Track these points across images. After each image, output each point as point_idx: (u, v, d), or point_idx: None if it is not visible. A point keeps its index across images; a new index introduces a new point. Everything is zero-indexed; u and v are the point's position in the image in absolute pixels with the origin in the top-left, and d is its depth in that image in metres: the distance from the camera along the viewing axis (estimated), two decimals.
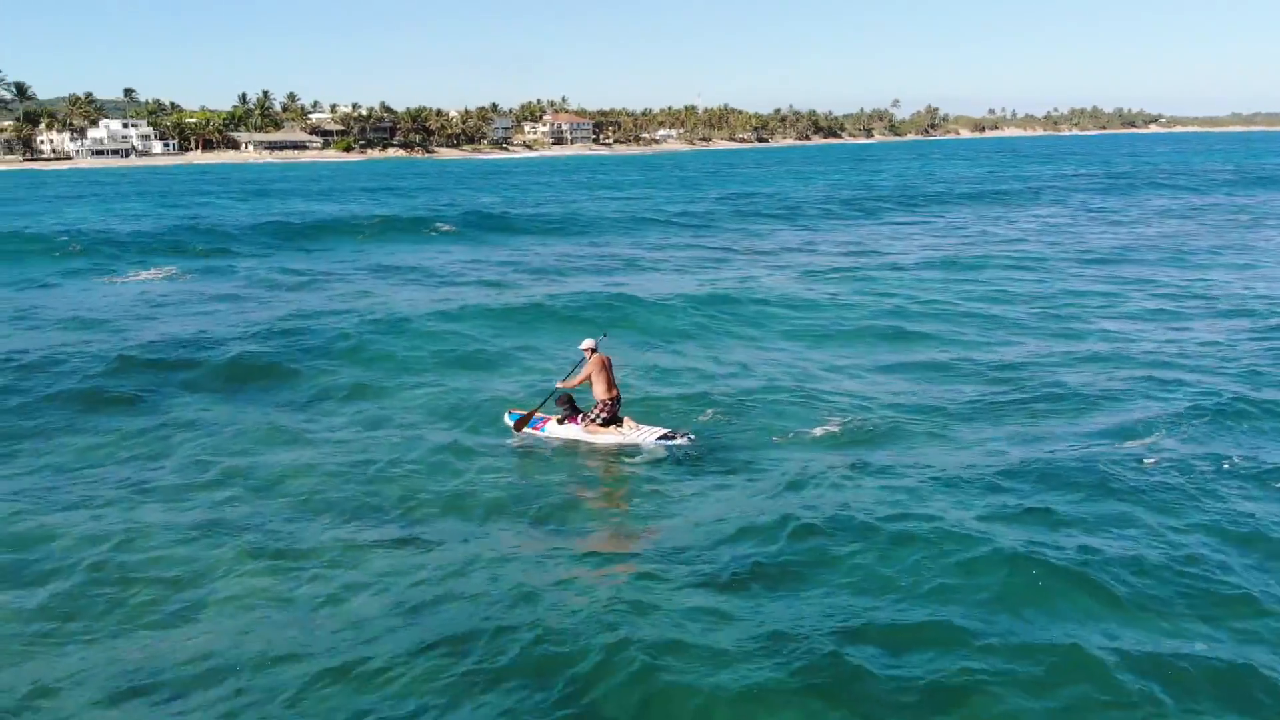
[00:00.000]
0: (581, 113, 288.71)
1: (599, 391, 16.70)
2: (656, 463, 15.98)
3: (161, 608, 11.41)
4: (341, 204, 78.47)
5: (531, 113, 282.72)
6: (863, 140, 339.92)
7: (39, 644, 10.67)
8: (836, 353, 24.42)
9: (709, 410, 18.85)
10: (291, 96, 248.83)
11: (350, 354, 24.68)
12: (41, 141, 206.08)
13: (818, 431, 17.21)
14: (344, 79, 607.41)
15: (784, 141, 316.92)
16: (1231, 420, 17.16)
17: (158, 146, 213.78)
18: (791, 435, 17.20)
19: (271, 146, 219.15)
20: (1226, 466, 14.69)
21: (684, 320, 28.75)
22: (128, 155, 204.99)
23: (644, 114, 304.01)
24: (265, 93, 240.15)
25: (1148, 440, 16.05)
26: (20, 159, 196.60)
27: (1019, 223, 57.86)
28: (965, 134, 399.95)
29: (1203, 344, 23.48)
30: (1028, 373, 21.38)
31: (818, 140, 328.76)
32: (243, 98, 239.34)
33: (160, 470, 16.20)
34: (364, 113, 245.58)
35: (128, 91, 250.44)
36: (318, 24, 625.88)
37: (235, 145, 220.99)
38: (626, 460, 16.21)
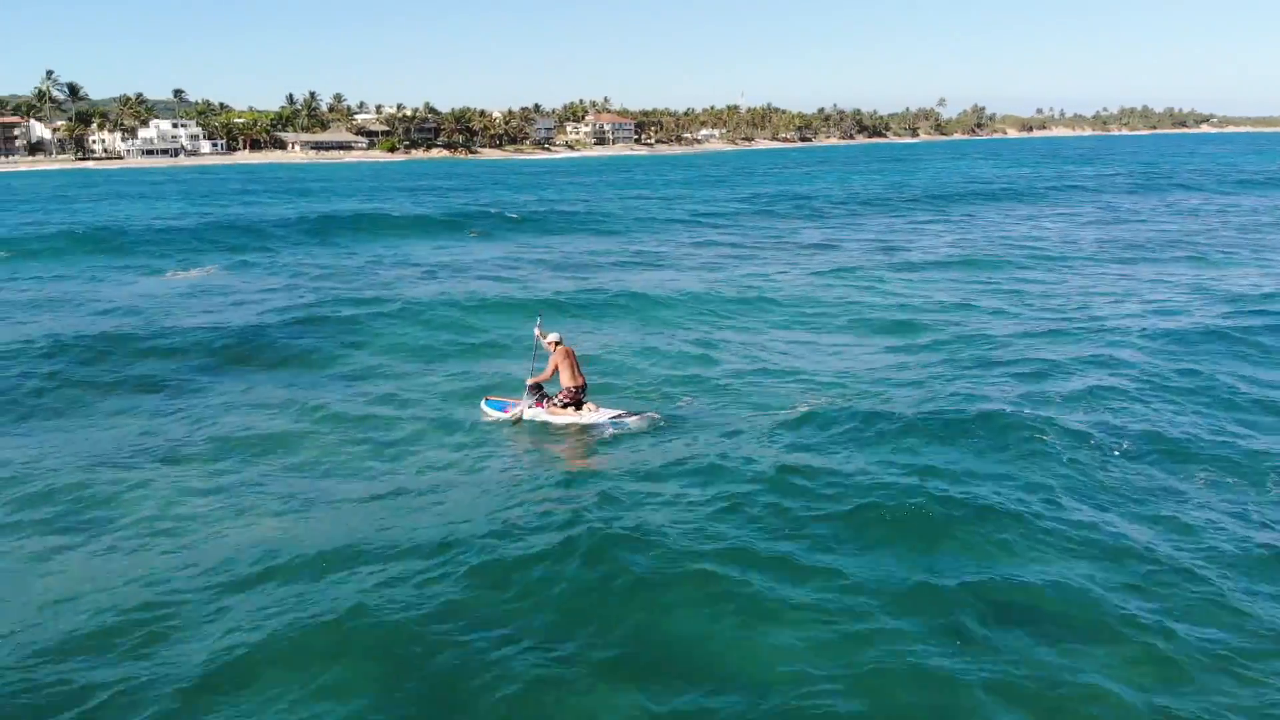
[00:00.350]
0: (624, 113, 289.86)
1: (565, 379, 18.37)
2: (619, 435, 17.62)
3: (192, 539, 13.46)
4: (380, 203, 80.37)
5: (574, 113, 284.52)
6: (907, 140, 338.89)
7: (89, 565, 12.74)
8: (834, 342, 25.75)
9: (693, 393, 20.39)
10: (338, 97, 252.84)
11: (373, 342, 26.47)
12: (93, 141, 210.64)
13: (784, 412, 18.46)
14: (390, 80, 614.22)
15: (828, 141, 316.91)
16: (1157, 404, 18.41)
17: (206, 146, 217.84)
18: (764, 412, 18.62)
19: (318, 147, 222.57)
20: (1116, 453, 15.78)
21: (692, 314, 30.12)
22: (177, 155, 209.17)
23: (686, 114, 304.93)
24: (312, 93, 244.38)
25: (1067, 414, 17.37)
26: (73, 158, 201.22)
27: (1042, 221, 58.63)
28: (1012, 134, 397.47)
29: (1173, 335, 24.33)
30: (998, 353, 22.68)
31: (862, 140, 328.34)
32: (290, 98, 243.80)
33: (194, 441, 17.97)
34: (408, 113, 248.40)
35: (177, 92, 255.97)
36: (366, 26, 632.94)
37: (282, 145, 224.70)
38: (592, 435, 17.83)
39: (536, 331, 19.13)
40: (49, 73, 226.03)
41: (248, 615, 10.97)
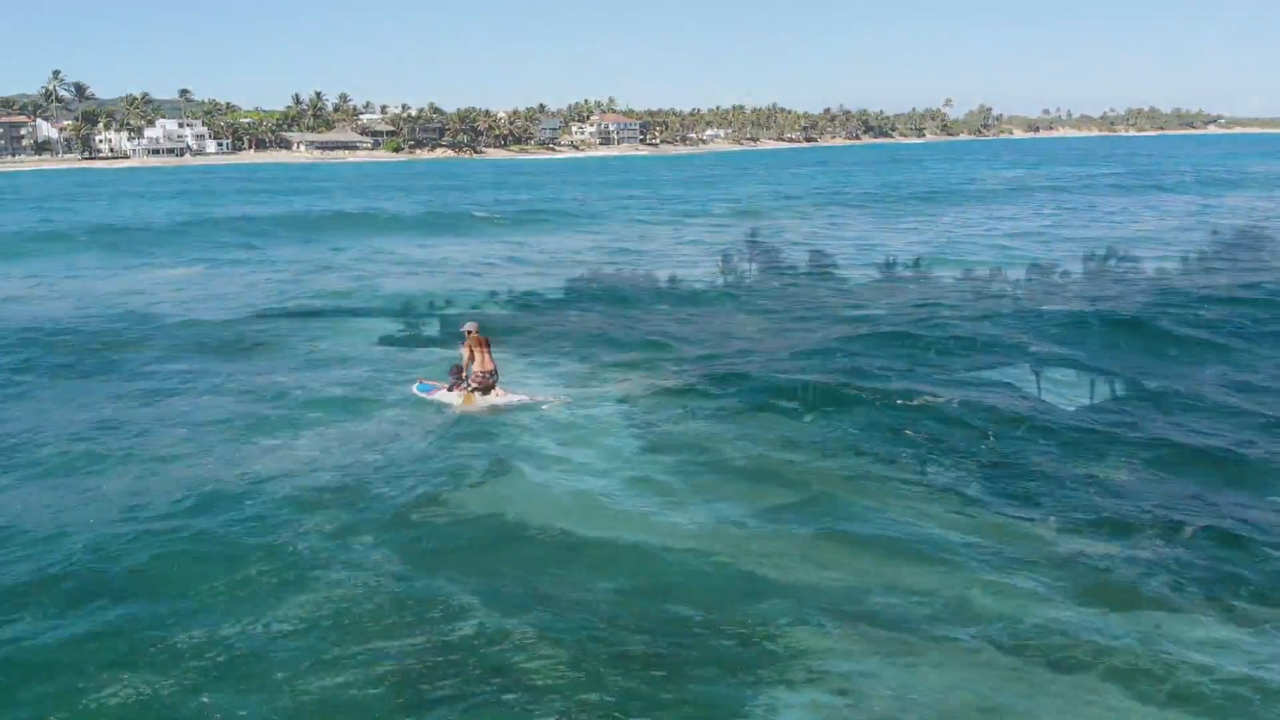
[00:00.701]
0: (629, 113, 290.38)
1: (475, 365, 19.96)
2: (527, 413, 19.09)
3: (141, 486, 15.21)
4: (376, 202, 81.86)
5: (579, 113, 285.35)
6: (913, 140, 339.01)
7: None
8: (781, 329, 27.17)
9: (629, 375, 21.81)
10: (343, 97, 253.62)
11: (344, 333, 27.91)
12: (100, 140, 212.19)
13: (701, 389, 19.89)
14: (395, 80, 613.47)
15: (833, 141, 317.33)
16: (1046, 389, 19.80)
17: (211, 146, 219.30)
18: (684, 390, 20.00)
19: (322, 146, 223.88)
20: (989, 432, 16.91)
21: (660, 308, 31.37)
22: (182, 155, 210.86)
23: (692, 114, 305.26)
24: (318, 93, 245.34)
25: (955, 394, 18.73)
26: (79, 157, 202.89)
27: (1021, 222, 59.85)
28: (1019, 134, 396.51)
29: (1092, 326, 25.38)
30: (926, 336, 24.20)
31: (867, 140, 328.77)
32: (296, 98, 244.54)
33: (167, 420, 19.35)
34: (413, 113, 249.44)
35: (183, 92, 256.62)
36: (371, 26, 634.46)
37: (287, 145, 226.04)
38: (500, 414, 19.26)
39: (471, 325, 20.52)
40: (55, 72, 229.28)
41: (178, 539, 12.98)
